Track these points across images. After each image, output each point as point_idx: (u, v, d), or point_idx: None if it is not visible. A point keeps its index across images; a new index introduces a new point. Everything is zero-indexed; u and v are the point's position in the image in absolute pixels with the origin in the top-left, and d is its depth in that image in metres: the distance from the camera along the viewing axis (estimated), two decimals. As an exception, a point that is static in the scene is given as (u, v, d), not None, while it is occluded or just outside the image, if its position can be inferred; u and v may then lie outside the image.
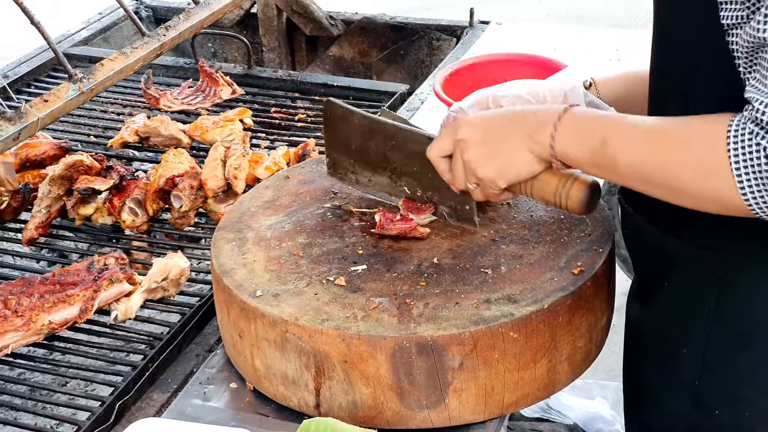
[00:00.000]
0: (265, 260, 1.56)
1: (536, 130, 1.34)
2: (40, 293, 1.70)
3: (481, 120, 1.41)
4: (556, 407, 2.83)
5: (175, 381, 1.59)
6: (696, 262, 1.35)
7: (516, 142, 1.37)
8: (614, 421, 2.75)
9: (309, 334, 1.40)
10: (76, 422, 1.51)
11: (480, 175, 1.41)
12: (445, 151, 1.46)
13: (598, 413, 2.78)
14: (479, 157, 1.40)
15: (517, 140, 1.37)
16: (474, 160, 1.40)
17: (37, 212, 1.99)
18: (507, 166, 1.39)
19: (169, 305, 1.78)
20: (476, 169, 1.41)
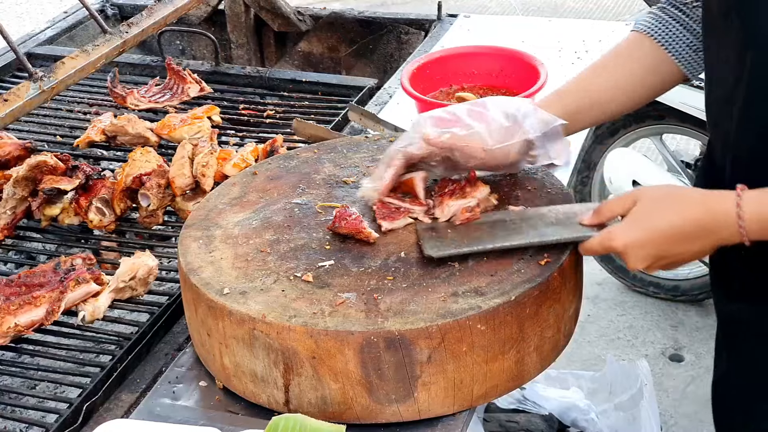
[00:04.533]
0: (233, 257, 1.55)
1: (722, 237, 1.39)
2: (5, 295, 1.68)
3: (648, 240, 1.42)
4: (532, 398, 2.84)
5: (144, 381, 1.58)
6: None
7: (697, 251, 1.42)
8: (589, 411, 2.76)
9: (277, 331, 1.40)
10: (44, 425, 1.50)
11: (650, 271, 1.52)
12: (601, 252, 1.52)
13: (574, 403, 2.80)
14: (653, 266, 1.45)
15: (697, 249, 1.42)
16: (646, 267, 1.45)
17: (2, 214, 1.97)
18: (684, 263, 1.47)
19: (137, 305, 1.77)
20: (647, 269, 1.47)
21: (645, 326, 3.59)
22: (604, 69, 1.67)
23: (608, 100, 1.65)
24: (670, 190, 1.47)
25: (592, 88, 1.65)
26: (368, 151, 1.85)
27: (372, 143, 1.88)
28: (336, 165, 1.81)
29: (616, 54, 1.67)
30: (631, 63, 1.65)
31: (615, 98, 1.65)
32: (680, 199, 1.42)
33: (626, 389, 2.82)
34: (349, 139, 1.95)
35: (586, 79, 1.67)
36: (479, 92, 2.28)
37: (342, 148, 1.87)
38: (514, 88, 2.25)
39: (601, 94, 1.65)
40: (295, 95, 2.56)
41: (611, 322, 3.62)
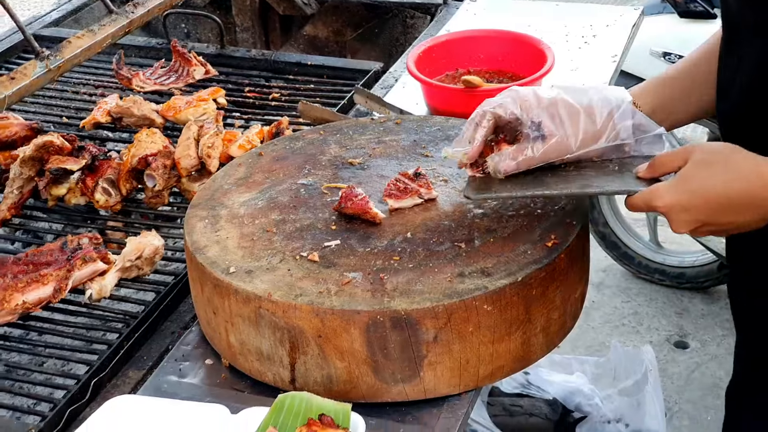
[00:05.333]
0: (238, 237, 1.55)
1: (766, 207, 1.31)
2: (13, 273, 1.69)
3: (693, 205, 1.32)
4: (536, 382, 2.85)
5: (151, 358, 1.58)
6: None
7: (746, 222, 1.33)
8: (593, 395, 2.77)
9: (283, 309, 1.40)
10: (53, 400, 1.50)
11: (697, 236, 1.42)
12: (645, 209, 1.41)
13: (578, 388, 2.80)
14: (698, 231, 1.36)
15: (747, 220, 1.33)
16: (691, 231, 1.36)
17: (9, 193, 1.98)
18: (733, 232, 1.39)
19: (143, 284, 1.77)
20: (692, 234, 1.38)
21: (650, 313, 3.59)
22: (704, 58, 1.55)
23: (709, 90, 1.52)
24: (724, 151, 1.34)
25: (693, 77, 1.55)
26: (374, 132, 1.85)
27: (378, 125, 1.88)
28: (342, 146, 1.81)
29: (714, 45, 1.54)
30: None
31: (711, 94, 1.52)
32: (733, 165, 1.31)
33: (631, 375, 2.82)
34: (355, 121, 1.95)
35: (687, 67, 1.57)
36: (485, 76, 2.27)
37: (348, 130, 1.87)
38: (520, 72, 2.25)
39: (701, 85, 1.53)
40: (301, 78, 2.55)
41: (616, 309, 3.63)
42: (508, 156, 1.48)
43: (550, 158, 1.48)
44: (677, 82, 1.57)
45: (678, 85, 1.57)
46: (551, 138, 1.47)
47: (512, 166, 1.48)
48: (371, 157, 1.75)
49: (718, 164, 1.32)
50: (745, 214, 1.32)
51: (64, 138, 2.02)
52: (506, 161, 1.48)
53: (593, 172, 1.48)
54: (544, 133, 1.47)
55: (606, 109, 1.48)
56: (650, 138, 1.50)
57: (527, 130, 1.47)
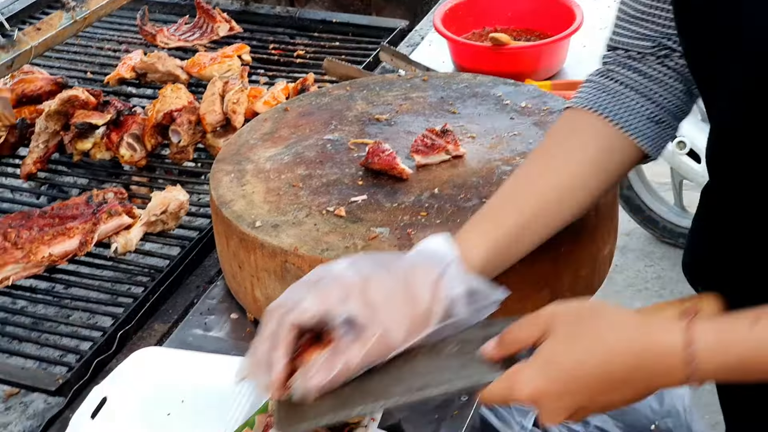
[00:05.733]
0: (264, 191, 1.55)
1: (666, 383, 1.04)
2: (39, 226, 1.69)
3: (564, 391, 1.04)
4: (556, 345, 2.83)
5: (176, 312, 1.59)
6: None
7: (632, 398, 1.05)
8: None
9: (309, 264, 1.39)
10: (79, 352, 1.51)
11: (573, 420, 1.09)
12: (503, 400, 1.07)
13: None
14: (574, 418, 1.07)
15: (632, 396, 1.05)
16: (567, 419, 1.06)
17: (35, 147, 1.98)
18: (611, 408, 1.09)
19: (168, 238, 1.77)
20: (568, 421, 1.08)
21: (674, 277, 3.57)
22: (541, 171, 1.26)
23: (554, 211, 1.25)
24: (591, 317, 1.06)
25: (532, 202, 1.24)
26: (401, 89, 1.83)
27: (405, 81, 1.87)
28: (368, 102, 1.79)
29: (553, 147, 1.28)
30: (576, 154, 1.25)
31: (561, 208, 1.26)
32: (606, 333, 1.04)
33: (652, 338, 2.80)
34: (382, 77, 1.93)
35: (522, 188, 1.26)
36: (513, 34, 2.24)
37: (374, 86, 1.85)
38: (548, 30, 2.22)
39: (544, 205, 1.24)
40: (326, 36, 2.53)
41: (639, 273, 3.61)
42: (317, 371, 1.11)
43: (373, 361, 1.13)
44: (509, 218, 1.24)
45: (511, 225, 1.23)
46: (369, 337, 1.11)
47: (324, 384, 1.11)
48: (398, 114, 1.74)
49: (588, 333, 1.05)
50: (629, 389, 1.04)
51: (89, 93, 2.02)
52: (316, 379, 1.11)
53: (427, 361, 1.13)
54: (359, 331, 1.11)
55: (429, 277, 1.15)
56: (489, 304, 1.20)
57: (338, 331, 1.12)
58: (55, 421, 1.41)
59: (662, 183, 3.76)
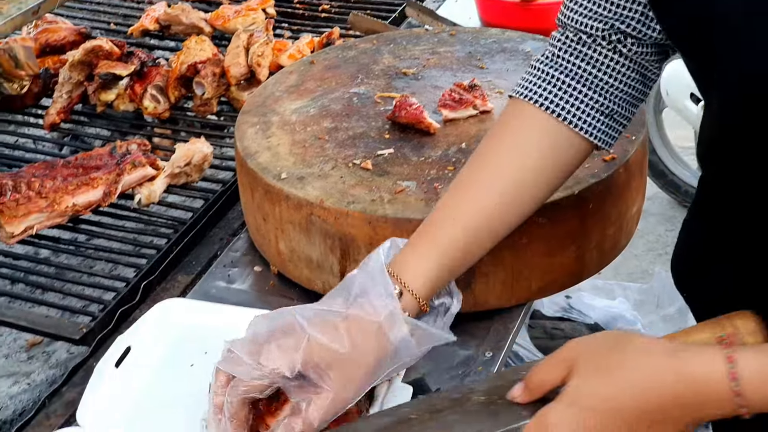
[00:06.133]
0: (290, 144, 1.53)
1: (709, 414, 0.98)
2: (63, 176, 1.68)
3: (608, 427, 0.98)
4: (578, 307, 2.83)
5: (199, 264, 1.58)
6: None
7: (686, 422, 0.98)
8: (635, 321, 2.75)
9: (334, 216, 1.38)
10: (103, 301, 1.51)
11: None
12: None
13: (620, 313, 2.78)
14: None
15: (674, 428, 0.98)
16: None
17: (58, 97, 1.97)
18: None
19: (192, 191, 1.76)
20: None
21: (694, 242, 3.54)
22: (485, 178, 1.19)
23: (500, 219, 1.19)
24: (616, 346, 1.00)
25: (475, 216, 1.17)
26: (428, 43, 1.81)
27: (432, 36, 1.84)
28: (395, 56, 1.77)
29: (497, 146, 1.21)
30: (522, 155, 1.18)
31: (508, 213, 1.19)
32: (635, 364, 0.98)
33: (674, 302, 2.79)
34: (409, 31, 1.91)
35: (465, 199, 1.19)
36: (541, -9, 2.21)
37: (401, 40, 1.83)
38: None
39: (489, 216, 1.18)
40: (351, -10, 2.50)
41: (660, 237, 3.58)
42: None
43: (333, 417, 1.11)
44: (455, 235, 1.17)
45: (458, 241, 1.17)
46: (324, 398, 1.09)
47: None
48: (425, 68, 1.72)
49: (617, 370, 0.98)
50: (672, 425, 0.98)
51: (113, 43, 2.00)
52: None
53: (454, 414, 1.08)
54: (313, 386, 1.10)
55: (371, 327, 1.10)
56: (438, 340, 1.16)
57: (292, 394, 1.11)
58: (79, 369, 1.41)
59: (685, 147, 3.72)
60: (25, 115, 2.05)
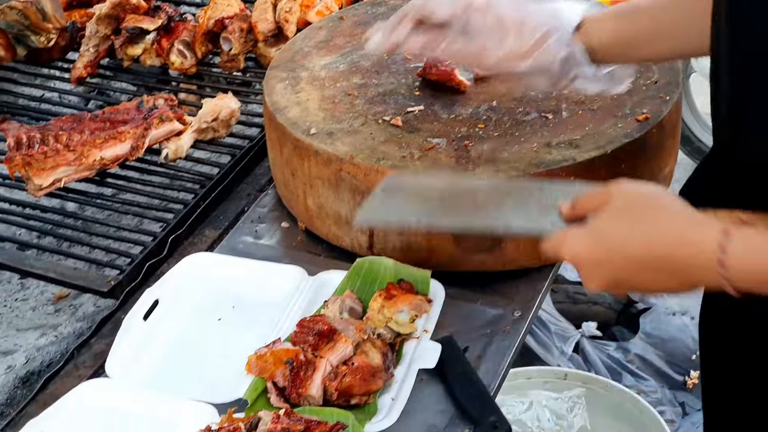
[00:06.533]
0: (319, 99, 1.52)
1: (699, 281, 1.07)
2: (90, 130, 1.68)
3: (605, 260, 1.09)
4: (601, 268, 2.81)
5: (227, 219, 1.58)
6: None
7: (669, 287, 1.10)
8: (658, 287, 2.73)
9: (364, 172, 1.37)
10: (130, 255, 1.51)
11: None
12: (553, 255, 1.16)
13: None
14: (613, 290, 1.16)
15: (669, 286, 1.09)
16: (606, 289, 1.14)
17: (85, 51, 1.96)
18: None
19: (219, 146, 1.75)
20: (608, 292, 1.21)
21: (718, 209, 3.51)
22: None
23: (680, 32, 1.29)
24: (648, 199, 1.11)
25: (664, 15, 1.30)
26: (459, 0, 1.78)
27: (462, -7, 1.81)
28: (425, 13, 1.74)
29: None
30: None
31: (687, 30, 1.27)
32: (653, 223, 1.07)
33: (698, 268, 2.77)
34: (439, -12, 1.88)
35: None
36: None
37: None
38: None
39: (671, 24, 1.29)
40: (379, -52, 2.47)
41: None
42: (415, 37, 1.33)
43: (462, 61, 1.40)
44: (647, 15, 1.31)
45: (646, 19, 1.31)
46: (471, 42, 1.30)
47: (416, 48, 1.34)
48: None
49: (637, 219, 1.09)
50: (665, 278, 1.08)
51: (140, -3, 1.98)
52: (412, 41, 1.33)
53: (514, 201, 1.21)
54: (467, 33, 1.30)
55: (542, 29, 1.29)
56: (586, 75, 1.32)
57: (453, 24, 1.31)
58: (107, 321, 1.41)
59: (712, 113, 3.68)
60: (52, 68, 2.04)
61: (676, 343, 2.66)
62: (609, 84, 1.34)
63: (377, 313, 1.28)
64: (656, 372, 2.64)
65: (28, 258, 1.55)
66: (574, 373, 2.36)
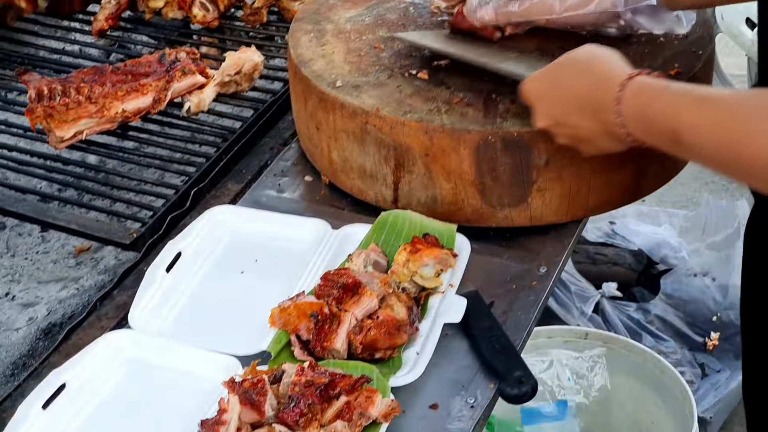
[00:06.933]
0: (345, 52, 1.50)
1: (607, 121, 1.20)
2: (112, 82, 1.66)
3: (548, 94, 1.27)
4: (622, 232, 2.80)
5: (250, 172, 1.56)
6: None
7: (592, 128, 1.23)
8: (680, 248, 2.72)
9: (390, 125, 1.36)
10: (152, 208, 1.50)
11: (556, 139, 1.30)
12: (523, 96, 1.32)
13: (665, 239, 2.75)
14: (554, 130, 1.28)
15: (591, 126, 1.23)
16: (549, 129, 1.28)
17: (107, 3, 1.94)
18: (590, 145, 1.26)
19: (242, 100, 1.74)
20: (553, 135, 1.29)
21: (742, 171, 3.48)
22: None
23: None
24: (594, 50, 1.25)
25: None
26: (485, -47, 1.75)
27: (489, -54, 1.78)
28: (451, -34, 1.71)
29: None
30: None
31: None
32: (590, 65, 1.23)
33: (721, 229, 2.75)
34: (465, -59, 1.85)
35: None
36: None
37: (458, -50, 1.77)
38: None
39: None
40: None
41: (706, 165, 3.52)
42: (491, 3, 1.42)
43: (532, 16, 1.43)
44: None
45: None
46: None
47: (490, 15, 1.43)
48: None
49: (581, 62, 1.24)
50: (587, 118, 1.22)
51: (162, -52, 1.96)
52: (486, 9, 1.42)
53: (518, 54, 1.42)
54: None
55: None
56: (646, 10, 1.38)
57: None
58: (129, 273, 1.41)
59: (736, 75, 3.63)
60: (73, 21, 2.02)
61: (697, 304, 2.65)
62: (674, 24, 1.40)
63: (402, 267, 1.27)
64: (676, 333, 2.63)
65: (51, 210, 1.54)
66: (594, 332, 2.35)
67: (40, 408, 1.15)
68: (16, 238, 1.63)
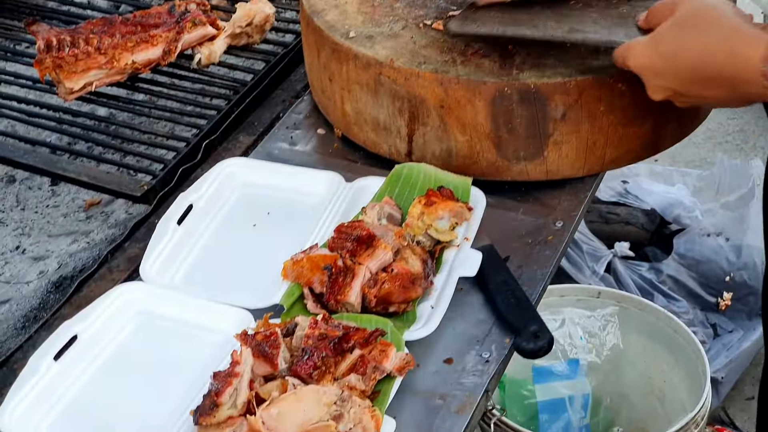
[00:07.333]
0: (358, 2, 1.47)
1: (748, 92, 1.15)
2: (121, 33, 1.64)
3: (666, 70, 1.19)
4: (635, 192, 2.78)
5: (261, 125, 1.55)
6: None
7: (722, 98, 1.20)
8: (694, 208, 2.69)
9: (405, 77, 1.33)
10: (163, 161, 1.48)
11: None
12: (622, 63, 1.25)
13: (678, 199, 2.72)
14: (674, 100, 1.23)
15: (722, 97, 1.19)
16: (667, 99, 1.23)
17: (115, -46, 1.91)
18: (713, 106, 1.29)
19: (253, 53, 1.71)
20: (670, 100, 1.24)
21: (756, 131, 3.45)
22: None
23: None
24: (709, 10, 1.17)
25: None
26: None
27: None
28: None
29: None
30: None
31: None
32: (707, 33, 1.15)
33: (735, 189, 2.73)
34: None
35: None
36: None
37: None
38: None
39: None
40: None
41: (720, 125, 3.49)
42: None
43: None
44: None
45: None
46: None
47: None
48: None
49: (694, 28, 1.17)
50: (713, 90, 1.18)
51: None
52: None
53: (596, 14, 1.31)
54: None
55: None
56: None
57: None
58: (141, 226, 1.40)
59: (753, 33, 3.58)
60: (81, -29, 1.99)
61: (710, 265, 2.63)
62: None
63: (416, 220, 1.25)
64: (688, 293, 2.62)
65: (61, 162, 1.52)
66: (607, 291, 2.34)
67: (51, 359, 1.15)
68: (26, 191, 1.62)
